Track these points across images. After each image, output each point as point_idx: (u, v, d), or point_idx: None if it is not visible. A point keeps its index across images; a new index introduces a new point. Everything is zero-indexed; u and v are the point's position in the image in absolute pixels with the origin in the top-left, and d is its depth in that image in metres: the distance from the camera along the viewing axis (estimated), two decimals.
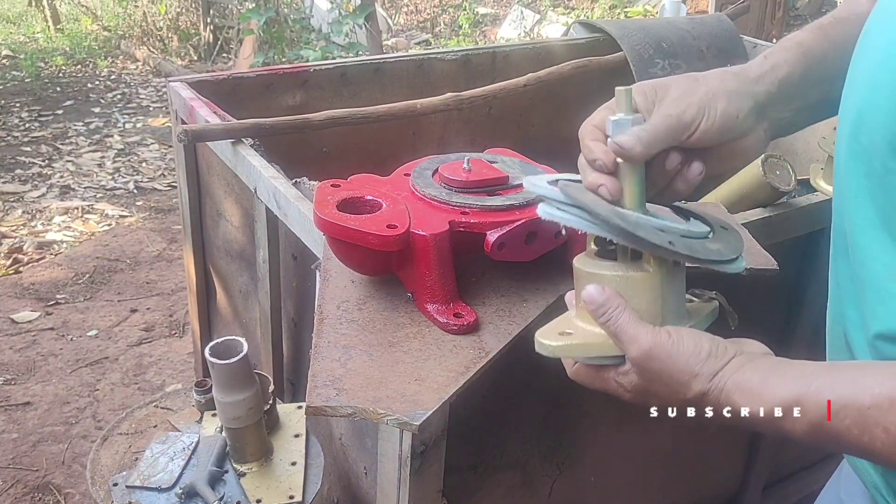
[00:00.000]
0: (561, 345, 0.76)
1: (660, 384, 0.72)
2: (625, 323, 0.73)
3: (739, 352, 0.72)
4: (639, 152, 0.75)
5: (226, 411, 1.19)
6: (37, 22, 7.59)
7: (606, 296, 0.74)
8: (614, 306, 0.73)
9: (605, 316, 0.73)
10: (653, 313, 0.75)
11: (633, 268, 0.76)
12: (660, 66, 2.16)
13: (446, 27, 7.94)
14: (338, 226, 0.93)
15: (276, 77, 1.85)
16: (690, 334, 0.73)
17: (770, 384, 0.69)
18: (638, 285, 0.75)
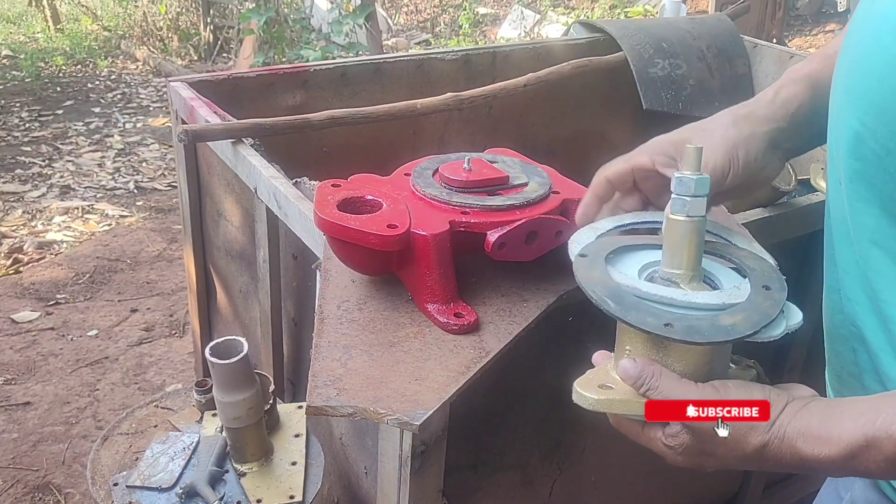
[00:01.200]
0: (601, 399, 0.74)
1: (714, 443, 0.70)
2: (666, 387, 0.71)
3: (791, 397, 0.71)
4: None
5: (226, 411, 1.19)
6: (37, 22, 7.59)
7: (640, 367, 0.72)
8: (650, 375, 0.72)
9: (645, 387, 0.72)
10: (700, 377, 0.73)
11: None
12: (660, 66, 2.16)
13: (446, 27, 7.94)
14: (338, 225, 0.93)
15: (277, 77, 1.85)
16: (738, 385, 0.72)
17: (833, 426, 0.67)
18: (684, 350, 0.73)
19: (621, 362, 0.74)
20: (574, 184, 1.09)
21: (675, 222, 0.75)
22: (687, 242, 0.75)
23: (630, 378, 0.73)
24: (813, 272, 1.55)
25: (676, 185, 0.75)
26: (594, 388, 0.75)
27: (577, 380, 0.77)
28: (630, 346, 0.76)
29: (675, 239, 0.76)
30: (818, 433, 0.67)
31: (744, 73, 2.30)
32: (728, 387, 0.71)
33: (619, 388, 0.74)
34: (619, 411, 0.75)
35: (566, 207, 1.04)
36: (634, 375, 0.72)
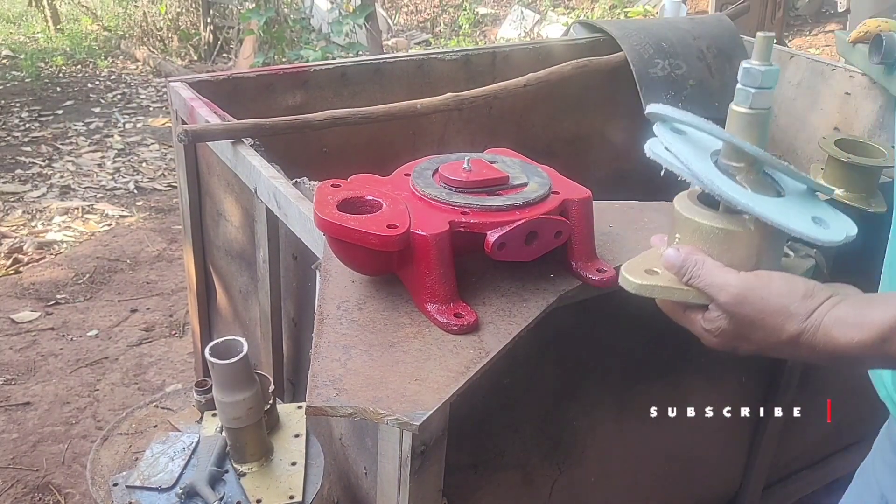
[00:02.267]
0: (645, 284, 0.77)
1: (752, 328, 0.73)
2: (708, 275, 0.74)
3: (835, 293, 0.73)
4: None
5: (226, 411, 1.19)
6: (37, 22, 7.59)
7: (683, 256, 0.75)
8: (693, 264, 0.75)
9: (688, 275, 0.75)
10: (745, 267, 0.75)
11: (734, 221, 0.75)
12: (660, 67, 2.16)
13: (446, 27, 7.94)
14: (338, 226, 0.93)
15: (277, 77, 1.85)
16: (782, 276, 0.73)
17: (867, 313, 0.70)
18: (736, 241, 0.75)
19: (667, 251, 0.76)
20: (574, 184, 1.09)
21: (739, 114, 0.75)
22: (749, 136, 0.75)
23: (673, 266, 0.76)
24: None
25: (743, 75, 0.75)
26: (640, 273, 0.78)
27: (625, 263, 0.79)
28: (679, 233, 0.78)
29: (737, 132, 0.76)
30: (852, 320, 0.69)
31: None
32: (772, 277, 0.73)
33: (663, 275, 0.77)
34: (659, 296, 0.77)
35: (566, 208, 1.04)
36: (677, 264, 0.75)
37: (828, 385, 1.75)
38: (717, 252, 0.75)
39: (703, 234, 0.76)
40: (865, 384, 1.00)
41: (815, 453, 1.94)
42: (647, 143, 0.79)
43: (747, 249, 0.75)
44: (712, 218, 0.76)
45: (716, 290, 0.74)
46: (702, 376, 1.48)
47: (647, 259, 0.80)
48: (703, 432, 1.57)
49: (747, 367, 1.56)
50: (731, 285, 0.73)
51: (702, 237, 0.76)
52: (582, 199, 1.05)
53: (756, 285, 0.72)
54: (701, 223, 0.76)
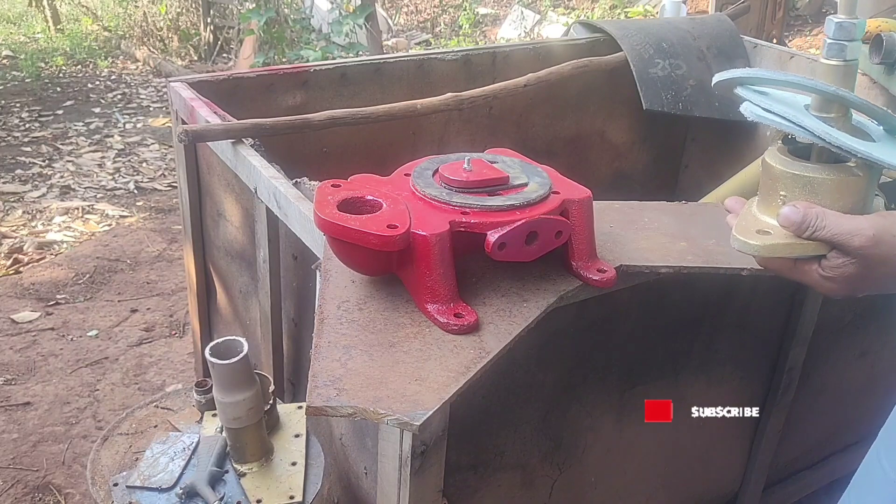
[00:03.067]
0: (766, 244, 0.77)
1: (882, 266, 0.75)
2: (834, 225, 0.75)
3: None
4: None
5: (226, 411, 1.19)
6: (37, 22, 7.60)
7: (803, 212, 0.76)
8: (815, 217, 0.76)
9: (811, 230, 0.76)
10: (856, 211, 0.77)
11: (841, 171, 0.77)
12: (660, 67, 2.16)
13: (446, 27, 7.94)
14: (338, 226, 0.93)
15: (277, 77, 1.85)
16: None
17: None
18: (847, 188, 0.77)
19: (783, 210, 0.77)
20: (574, 184, 1.09)
21: (831, 67, 0.78)
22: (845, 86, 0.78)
23: (793, 224, 0.76)
24: None
25: (835, 30, 0.77)
26: (753, 234, 0.78)
27: (734, 228, 0.80)
28: (784, 191, 0.79)
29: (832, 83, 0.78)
30: None
31: None
32: (894, 214, 0.75)
33: (777, 233, 0.78)
34: (781, 254, 0.78)
35: (566, 208, 1.04)
36: (798, 220, 0.76)
37: (828, 385, 1.75)
38: (830, 201, 0.77)
39: (814, 187, 0.78)
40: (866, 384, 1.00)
41: (815, 454, 1.94)
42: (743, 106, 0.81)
43: (857, 195, 0.77)
44: (821, 170, 0.78)
45: (847, 237, 0.75)
46: (702, 376, 1.48)
47: (748, 221, 0.81)
48: (703, 432, 1.57)
49: (747, 368, 1.56)
50: (864, 228, 0.75)
51: (813, 190, 0.78)
52: (582, 199, 1.05)
53: (886, 224, 0.75)
54: (812, 176, 0.78)
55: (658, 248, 1.15)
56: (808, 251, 0.77)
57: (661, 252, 1.14)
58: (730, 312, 1.45)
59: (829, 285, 0.79)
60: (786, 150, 0.82)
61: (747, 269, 1.07)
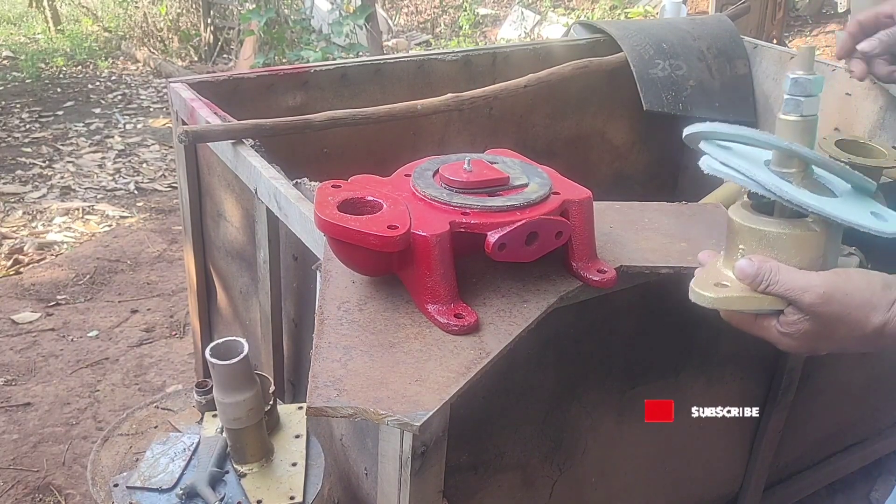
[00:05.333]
0: (720, 297, 0.77)
1: (836, 325, 0.74)
2: (787, 280, 0.74)
3: None
4: None
5: (226, 412, 1.19)
6: (37, 23, 7.60)
7: (757, 266, 0.76)
8: (768, 271, 0.75)
9: (765, 283, 0.75)
10: (815, 267, 0.77)
11: (798, 226, 0.77)
12: (660, 67, 2.16)
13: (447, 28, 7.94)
14: (338, 226, 0.93)
15: (277, 78, 1.85)
16: (857, 271, 0.75)
17: None
18: (803, 244, 0.77)
19: (738, 263, 0.77)
20: (574, 184, 1.09)
21: (788, 122, 0.78)
22: (802, 142, 0.78)
23: (748, 277, 0.76)
24: None
25: (791, 86, 0.78)
26: (710, 286, 0.78)
27: (693, 280, 0.80)
28: (743, 244, 0.79)
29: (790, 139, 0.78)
30: None
31: (744, 73, 2.30)
32: (849, 273, 0.74)
33: (734, 286, 0.77)
34: (736, 308, 0.78)
35: (566, 208, 1.04)
36: (752, 273, 0.75)
37: (828, 385, 1.75)
38: (787, 257, 0.77)
39: (770, 241, 0.78)
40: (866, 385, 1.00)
41: (815, 454, 1.94)
42: (701, 161, 0.81)
43: (815, 251, 0.77)
44: (778, 225, 0.78)
45: (798, 292, 0.74)
46: (702, 377, 1.48)
47: (710, 274, 0.81)
48: (703, 432, 1.57)
49: (747, 368, 1.56)
50: (815, 285, 0.74)
51: (769, 245, 0.78)
52: (582, 200, 1.05)
53: (838, 282, 0.73)
54: (768, 231, 0.78)
55: (658, 248, 1.15)
56: (764, 305, 0.77)
57: (662, 252, 1.14)
58: None
59: (787, 342, 0.78)
60: (749, 204, 0.82)
61: None
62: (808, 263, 0.77)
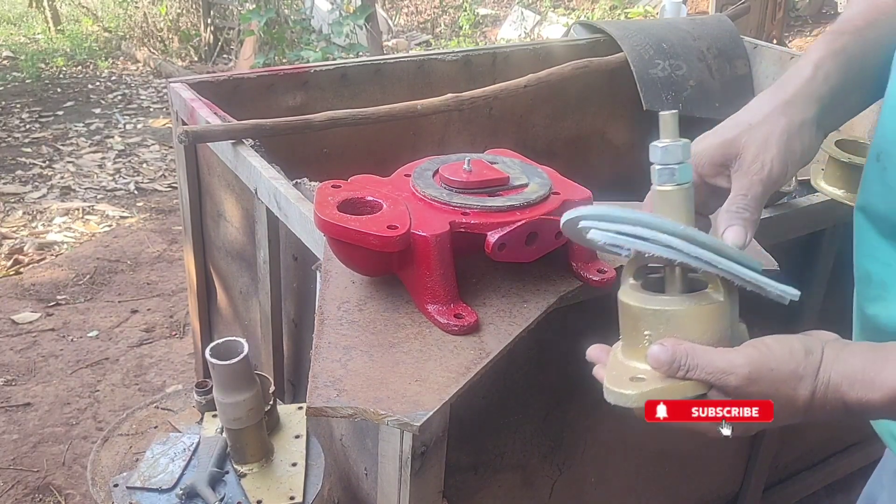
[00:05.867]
0: (644, 392, 0.69)
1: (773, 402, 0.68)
2: (706, 363, 0.68)
3: (824, 341, 0.69)
4: (753, 232, 0.75)
5: (226, 412, 1.19)
6: (37, 23, 7.60)
7: (671, 350, 0.68)
8: (684, 355, 0.68)
9: (683, 369, 0.68)
10: (724, 341, 0.70)
11: (702, 299, 0.71)
12: (660, 67, 2.16)
13: (447, 28, 7.94)
14: (338, 226, 0.93)
15: (277, 78, 1.85)
16: (774, 340, 0.69)
17: (878, 370, 0.65)
18: (710, 317, 0.70)
19: (650, 350, 0.69)
20: (574, 185, 1.09)
21: (666, 192, 0.73)
22: (678, 211, 0.73)
23: (664, 364, 0.68)
24: (814, 273, 1.55)
25: (662, 155, 0.72)
26: (627, 383, 0.71)
27: (604, 380, 0.73)
28: (650, 329, 0.72)
29: (665, 210, 0.73)
30: (862, 376, 0.65)
31: (744, 73, 2.30)
32: (768, 344, 0.68)
33: (651, 377, 0.70)
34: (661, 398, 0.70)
35: (566, 208, 1.04)
36: (668, 360, 0.68)
37: None
38: (697, 334, 0.70)
39: (677, 320, 0.70)
40: None
41: (815, 454, 1.94)
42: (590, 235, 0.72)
43: (722, 322, 0.71)
44: (682, 302, 0.71)
45: (722, 375, 0.67)
46: None
47: (618, 369, 0.73)
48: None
49: None
50: (737, 365, 0.67)
51: (676, 325, 0.70)
52: (582, 200, 1.05)
53: (760, 357, 0.67)
54: (672, 310, 0.70)
55: None
56: (689, 392, 0.69)
57: None
58: None
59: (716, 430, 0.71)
60: (638, 285, 0.75)
61: None
62: (720, 338, 0.70)
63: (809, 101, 0.79)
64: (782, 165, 0.75)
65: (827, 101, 0.80)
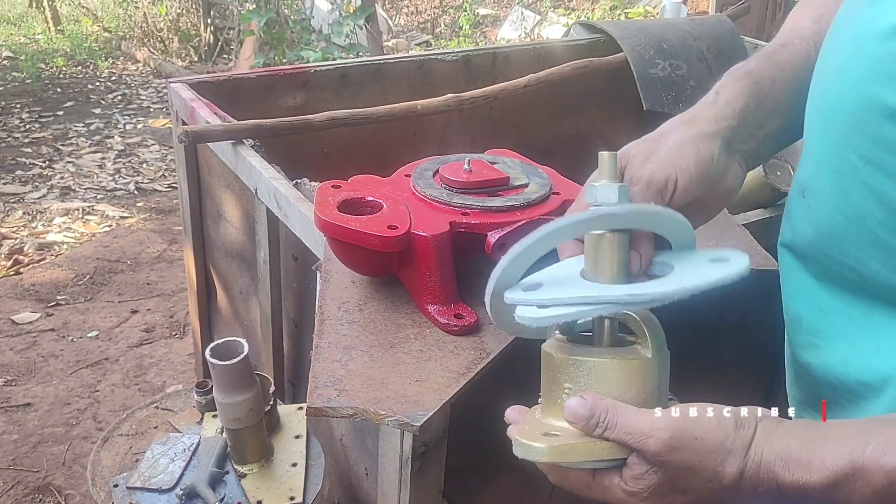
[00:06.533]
0: (555, 446, 0.63)
1: (689, 476, 0.61)
2: (626, 424, 0.62)
3: (758, 417, 0.63)
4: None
5: (226, 412, 1.19)
6: (37, 23, 7.60)
7: (591, 404, 0.63)
8: (604, 411, 0.62)
9: (601, 426, 0.62)
10: (651, 402, 0.65)
11: (624, 354, 0.66)
12: (660, 67, 2.16)
13: (447, 28, 7.94)
14: (338, 227, 0.93)
15: (277, 78, 1.85)
16: (702, 408, 0.63)
17: (816, 450, 0.59)
18: (636, 374, 0.65)
19: (569, 402, 0.64)
20: (574, 184, 1.09)
21: (600, 237, 0.66)
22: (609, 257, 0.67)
23: (581, 419, 0.62)
24: None
25: (598, 195, 0.67)
26: (539, 437, 0.64)
27: (514, 431, 0.67)
28: (570, 382, 0.67)
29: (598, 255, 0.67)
30: (798, 456, 0.59)
31: None
32: (697, 413, 0.62)
33: (566, 434, 0.64)
34: (574, 461, 0.64)
35: (566, 208, 1.04)
36: (586, 415, 0.62)
37: None
38: (621, 391, 0.64)
39: (600, 373, 0.65)
40: None
41: None
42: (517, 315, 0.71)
43: (649, 381, 0.65)
44: (606, 354, 0.66)
45: (641, 438, 0.61)
46: (702, 377, 1.48)
47: (532, 425, 0.68)
48: None
49: (748, 369, 1.56)
50: (658, 429, 0.60)
51: (599, 378, 0.65)
52: None
53: (685, 424, 0.61)
54: (597, 361, 0.65)
55: None
56: (605, 454, 0.62)
57: None
58: (730, 313, 1.45)
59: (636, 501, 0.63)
60: (564, 339, 0.71)
61: None
62: (645, 398, 0.64)
63: (709, 121, 0.77)
64: (668, 173, 0.72)
65: (734, 123, 0.77)
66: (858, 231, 0.66)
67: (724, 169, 0.76)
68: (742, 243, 1.18)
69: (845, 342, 0.72)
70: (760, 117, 0.80)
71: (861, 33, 0.64)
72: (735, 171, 0.79)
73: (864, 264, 0.67)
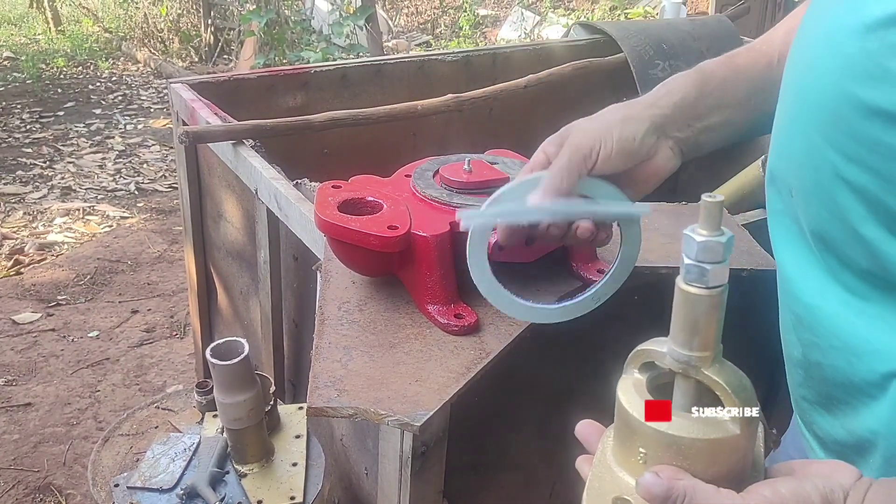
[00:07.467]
0: None
1: None
2: None
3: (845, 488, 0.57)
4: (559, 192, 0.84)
5: (227, 412, 1.19)
6: (38, 24, 7.61)
7: (667, 486, 0.57)
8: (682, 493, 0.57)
9: None
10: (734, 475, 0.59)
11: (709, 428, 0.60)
12: (660, 68, 2.16)
13: (447, 28, 7.95)
14: (339, 227, 0.93)
15: (277, 78, 1.86)
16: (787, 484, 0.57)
17: None
18: (723, 450, 0.59)
19: (642, 479, 0.58)
20: None
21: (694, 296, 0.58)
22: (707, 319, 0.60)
23: (656, 498, 0.57)
24: None
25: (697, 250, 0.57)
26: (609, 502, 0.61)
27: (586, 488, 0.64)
28: (646, 448, 0.61)
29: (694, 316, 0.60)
30: None
31: None
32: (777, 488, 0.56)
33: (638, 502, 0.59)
34: None
35: None
36: (661, 495, 0.57)
37: None
38: (703, 466, 0.58)
39: (681, 448, 0.59)
40: None
41: None
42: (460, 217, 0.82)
43: (734, 456, 0.59)
44: (689, 428, 0.59)
45: None
46: None
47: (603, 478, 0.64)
48: None
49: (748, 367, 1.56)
50: None
51: (679, 452, 0.59)
52: None
53: None
54: (678, 436, 0.59)
55: (658, 248, 1.15)
56: None
57: (661, 252, 1.14)
58: (730, 312, 1.45)
59: None
60: (643, 383, 0.65)
61: (747, 269, 1.08)
62: (728, 472, 0.58)
63: (643, 105, 0.86)
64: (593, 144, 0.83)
65: (669, 111, 0.85)
66: (843, 228, 0.66)
67: (650, 150, 0.85)
68: (742, 243, 1.18)
69: (852, 339, 0.71)
70: (699, 110, 0.87)
71: (833, 30, 0.64)
72: (666, 154, 0.87)
73: (854, 261, 0.67)
